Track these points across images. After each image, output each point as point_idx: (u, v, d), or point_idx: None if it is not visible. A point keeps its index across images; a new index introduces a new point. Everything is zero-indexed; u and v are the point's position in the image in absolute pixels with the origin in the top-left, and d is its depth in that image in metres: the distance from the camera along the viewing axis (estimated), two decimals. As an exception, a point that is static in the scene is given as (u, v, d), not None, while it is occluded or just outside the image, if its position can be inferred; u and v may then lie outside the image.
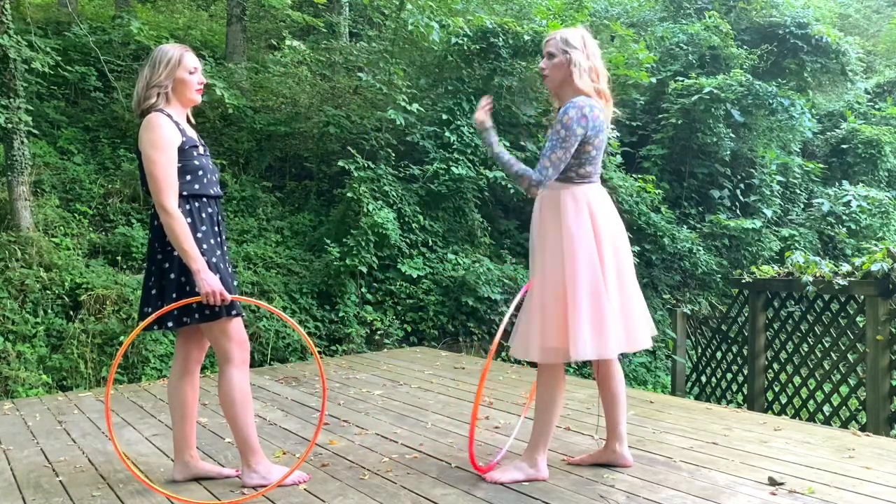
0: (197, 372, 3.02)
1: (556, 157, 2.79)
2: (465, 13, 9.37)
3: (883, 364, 4.86)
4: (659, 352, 8.44)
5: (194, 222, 2.80)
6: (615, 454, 3.09)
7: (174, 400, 2.97)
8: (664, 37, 11.24)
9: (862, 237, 10.46)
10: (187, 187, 2.80)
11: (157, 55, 2.85)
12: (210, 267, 2.75)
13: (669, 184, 10.10)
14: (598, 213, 2.88)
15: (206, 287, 2.68)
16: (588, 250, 2.83)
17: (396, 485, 2.94)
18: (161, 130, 2.74)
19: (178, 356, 3.00)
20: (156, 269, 2.81)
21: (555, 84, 2.96)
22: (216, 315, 2.78)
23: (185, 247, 2.69)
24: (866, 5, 19.63)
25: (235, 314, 2.84)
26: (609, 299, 2.83)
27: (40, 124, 7.40)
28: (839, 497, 2.69)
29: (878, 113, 12.88)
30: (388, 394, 4.71)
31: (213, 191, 2.90)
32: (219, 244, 2.90)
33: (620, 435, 3.08)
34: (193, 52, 2.94)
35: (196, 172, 2.84)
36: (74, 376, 5.44)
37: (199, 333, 2.96)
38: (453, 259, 7.59)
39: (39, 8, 10.18)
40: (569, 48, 2.88)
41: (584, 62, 2.88)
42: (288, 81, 9.04)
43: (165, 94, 2.84)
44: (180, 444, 2.99)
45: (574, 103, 2.81)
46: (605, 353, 2.84)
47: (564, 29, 3.03)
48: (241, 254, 6.96)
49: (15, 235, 5.99)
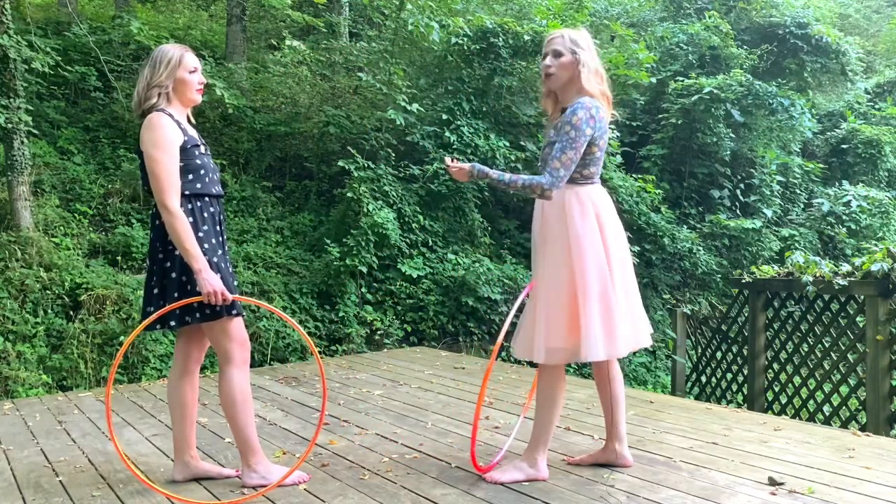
0: (196, 372, 3.03)
1: (566, 159, 2.79)
2: (465, 13, 9.38)
3: (883, 364, 4.86)
4: (659, 352, 8.44)
5: (196, 221, 2.80)
6: (615, 454, 3.09)
7: (174, 400, 2.97)
8: (664, 37, 11.23)
9: (862, 237, 10.46)
10: (189, 186, 2.81)
11: (157, 55, 2.86)
12: (211, 266, 2.75)
13: (669, 184, 10.10)
14: (602, 214, 2.89)
15: (208, 287, 2.69)
16: (596, 251, 2.83)
17: (396, 485, 2.94)
18: (163, 130, 2.75)
19: (178, 356, 3.00)
20: (157, 268, 2.81)
21: (560, 83, 2.93)
22: (217, 314, 2.79)
23: (187, 246, 2.69)
24: (866, 5, 19.63)
25: (236, 314, 2.84)
26: (617, 299, 2.84)
27: (40, 124, 7.40)
28: (839, 497, 2.69)
29: (878, 113, 12.88)
30: (388, 394, 4.71)
31: (214, 190, 2.91)
32: (220, 244, 2.90)
33: (620, 435, 3.08)
34: (193, 52, 2.94)
35: (198, 171, 2.84)
36: (74, 376, 5.44)
37: (199, 333, 2.96)
38: (453, 259, 7.59)
39: (39, 8, 10.18)
40: (577, 48, 2.88)
41: (591, 64, 2.88)
42: (288, 81, 9.05)
43: (166, 94, 2.85)
44: (180, 445, 3.00)
45: (582, 104, 2.81)
46: (616, 353, 2.84)
47: (567, 29, 3.02)
48: (241, 254, 6.96)
49: (15, 235, 5.99)
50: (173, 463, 3.07)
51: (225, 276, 2.82)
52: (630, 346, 2.91)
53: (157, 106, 2.82)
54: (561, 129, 2.83)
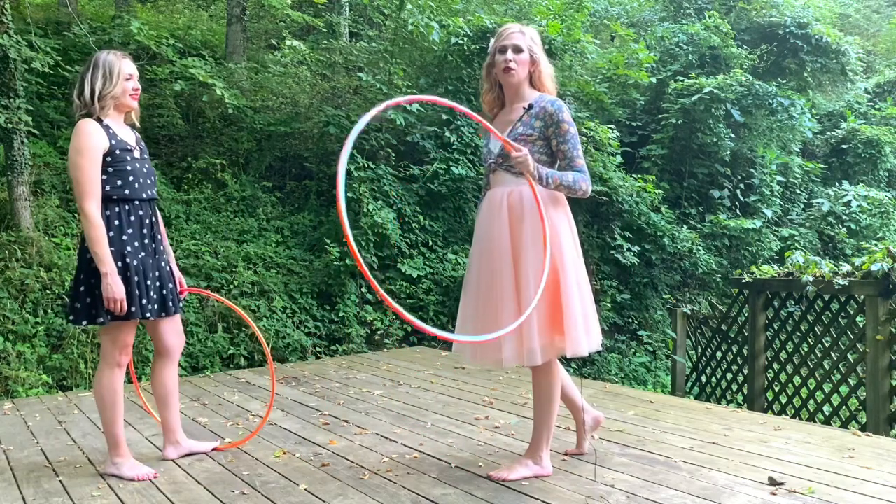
0: (171, 360, 3.23)
1: (581, 153, 2.88)
2: (465, 13, 9.37)
3: (883, 364, 4.86)
4: (659, 352, 8.44)
5: (121, 224, 2.96)
6: (588, 422, 3.25)
7: (157, 389, 3.24)
8: (664, 37, 11.23)
9: (862, 237, 10.46)
10: (117, 191, 2.96)
11: (107, 66, 2.99)
12: (130, 269, 2.92)
13: (669, 184, 10.09)
14: (568, 208, 2.96)
15: (110, 292, 2.85)
16: (573, 243, 2.89)
17: (396, 485, 2.94)
18: (88, 136, 2.90)
19: (155, 347, 3.24)
20: (83, 266, 2.95)
21: (519, 79, 2.92)
22: (115, 318, 2.93)
23: (97, 250, 2.86)
24: (866, 5, 19.62)
25: (131, 319, 2.96)
26: (590, 293, 2.90)
27: (40, 124, 7.40)
28: (839, 497, 2.69)
29: (878, 113, 12.88)
30: (388, 394, 4.71)
31: (145, 194, 3.05)
32: (147, 245, 3.04)
33: (583, 407, 3.19)
34: (129, 58, 3.08)
35: (127, 177, 2.99)
36: (74, 376, 5.44)
37: (156, 326, 3.15)
38: (453, 259, 7.59)
39: (39, 8, 10.17)
40: (535, 45, 2.93)
41: (547, 64, 2.95)
42: (288, 81, 9.04)
43: (118, 103, 3.02)
44: (167, 428, 3.29)
45: (556, 102, 2.86)
46: (594, 346, 2.88)
47: (522, 25, 3.03)
48: (241, 254, 6.95)
49: (15, 235, 5.99)
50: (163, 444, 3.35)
51: (140, 276, 2.95)
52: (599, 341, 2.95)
53: (105, 115, 2.98)
54: (552, 127, 2.84)
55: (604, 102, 9.84)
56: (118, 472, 3.07)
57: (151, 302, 3.00)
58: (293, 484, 2.96)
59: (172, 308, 3.12)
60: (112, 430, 3.06)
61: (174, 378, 3.26)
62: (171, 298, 3.12)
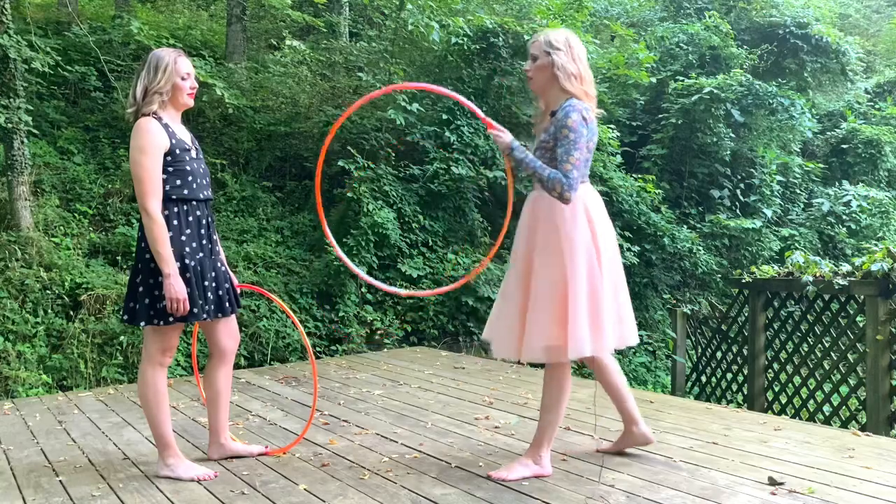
0: (227, 361, 3.20)
1: (574, 160, 2.78)
2: (465, 13, 9.37)
3: (883, 364, 4.86)
4: (659, 352, 8.44)
5: (180, 225, 2.91)
6: (636, 435, 3.20)
7: (209, 389, 3.20)
8: (664, 37, 11.23)
9: (862, 237, 10.45)
10: (176, 191, 2.91)
11: (154, 61, 2.94)
12: (189, 270, 2.88)
13: (669, 184, 10.10)
14: (593, 213, 2.92)
15: (172, 293, 2.81)
16: (586, 250, 2.85)
17: (396, 485, 2.94)
18: (150, 135, 2.85)
19: (210, 349, 3.20)
20: (143, 266, 2.90)
21: (539, 86, 2.95)
22: (180, 318, 2.90)
23: (160, 249, 2.82)
24: (866, 5, 19.62)
25: (185, 321, 2.94)
26: (606, 297, 2.87)
27: (40, 124, 7.40)
28: (839, 497, 2.69)
29: (878, 113, 12.88)
30: (388, 394, 4.71)
31: (202, 195, 3.00)
32: (206, 247, 3.00)
33: (634, 417, 3.18)
34: (186, 56, 3.03)
35: (185, 177, 2.94)
36: (74, 376, 5.44)
37: (211, 327, 3.11)
38: (453, 259, 7.59)
39: (39, 8, 10.16)
40: (552, 49, 2.89)
41: (570, 65, 2.87)
42: (288, 81, 9.04)
43: (165, 99, 2.94)
44: (214, 427, 3.25)
45: (573, 106, 2.81)
46: (602, 350, 2.88)
47: (549, 30, 3.02)
48: (241, 254, 6.95)
49: (15, 235, 5.99)
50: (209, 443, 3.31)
51: (196, 279, 2.91)
52: (616, 343, 2.95)
53: (151, 111, 2.91)
54: (557, 132, 2.83)
55: (604, 102, 9.83)
56: (173, 474, 3.02)
57: (209, 303, 2.97)
58: (293, 484, 2.96)
59: (229, 308, 3.07)
60: (159, 430, 3.01)
61: (227, 379, 3.21)
62: (228, 299, 3.06)
